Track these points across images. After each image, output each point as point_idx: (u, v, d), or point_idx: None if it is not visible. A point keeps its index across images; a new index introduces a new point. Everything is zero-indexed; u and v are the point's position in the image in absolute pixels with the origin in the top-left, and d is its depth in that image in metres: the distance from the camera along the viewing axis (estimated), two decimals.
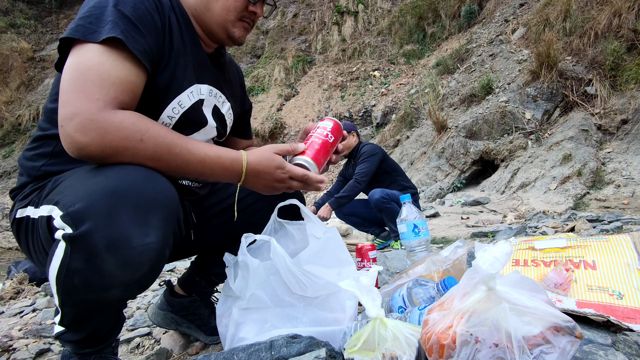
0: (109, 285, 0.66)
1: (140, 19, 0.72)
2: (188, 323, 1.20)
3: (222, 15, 0.86)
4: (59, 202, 0.65)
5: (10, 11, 14.27)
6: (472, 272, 0.59)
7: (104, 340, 0.80)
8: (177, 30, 0.82)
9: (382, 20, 11.33)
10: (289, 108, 10.26)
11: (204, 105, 0.90)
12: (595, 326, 0.77)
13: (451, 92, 7.36)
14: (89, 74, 0.66)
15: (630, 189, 4.26)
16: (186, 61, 0.84)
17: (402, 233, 1.35)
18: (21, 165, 0.85)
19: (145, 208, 0.64)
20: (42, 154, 0.82)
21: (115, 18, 0.69)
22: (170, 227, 0.69)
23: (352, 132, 3.23)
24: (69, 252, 0.62)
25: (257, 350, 0.74)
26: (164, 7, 0.79)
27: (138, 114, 0.70)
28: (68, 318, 0.72)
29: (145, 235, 0.64)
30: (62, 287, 0.66)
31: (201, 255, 1.22)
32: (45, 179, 0.81)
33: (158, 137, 0.69)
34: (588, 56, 5.81)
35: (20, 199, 0.82)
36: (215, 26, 0.88)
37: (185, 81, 0.84)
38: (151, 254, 0.65)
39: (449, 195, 5.69)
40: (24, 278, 2.86)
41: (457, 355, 0.54)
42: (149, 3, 0.75)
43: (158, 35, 0.77)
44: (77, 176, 0.70)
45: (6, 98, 12.64)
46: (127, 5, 0.72)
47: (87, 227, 0.60)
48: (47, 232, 0.70)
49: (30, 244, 0.80)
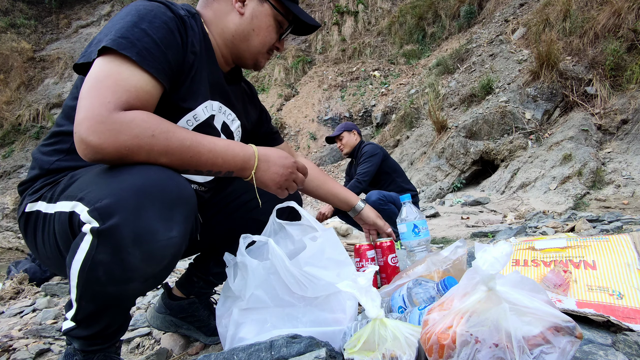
0: (131, 278, 0.69)
1: (163, 38, 0.76)
2: (187, 325, 1.20)
3: (258, 47, 0.98)
4: (84, 199, 0.67)
5: (10, 11, 14.26)
6: (472, 272, 0.59)
7: (112, 338, 0.81)
8: (198, 49, 0.86)
9: (382, 20, 11.34)
10: (289, 108, 10.26)
11: (215, 120, 0.96)
12: (595, 326, 0.77)
13: (451, 92, 7.36)
14: (105, 81, 0.69)
15: (630, 189, 4.27)
16: (202, 77, 0.88)
17: (402, 233, 1.35)
18: (35, 159, 0.87)
19: (170, 204, 0.68)
20: (59, 150, 0.84)
21: (139, 37, 0.73)
22: (190, 223, 0.73)
23: (353, 131, 3.22)
24: (96, 245, 0.65)
25: (257, 350, 0.74)
26: (187, 27, 0.84)
27: (148, 112, 0.72)
28: (84, 312, 0.73)
29: (169, 229, 0.67)
30: (84, 279, 0.68)
31: (200, 255, 1.22)
32: (57, 174, 0.82)
33: (168, 132, 0.71)
34: (588, 56, 5.81)
35: (31, 193, 0.83)
36: (248, 55, 0.98)
37: (201, 96, 0.89)
38: (173, 248, 0.69)
39: (449, 195, 5.69)
40: (24, 278, 2.86)
41: (457, 355, 0.54)
42: (172, 23, 0.79)
43: (178, 52, 0.81)
44: (96, 174, 0.72)
45: (6, 98, 12.64)
46: (152, 24, 0.76)
47: (114, 221, 0.63)
48: (67, 227, 0.72)
49: (38, 238, 0.81)
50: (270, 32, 0.97)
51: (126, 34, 0.72)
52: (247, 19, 0.94)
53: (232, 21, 0.94)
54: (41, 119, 12.33)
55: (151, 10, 0.77)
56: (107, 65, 0.71)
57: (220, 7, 0.94)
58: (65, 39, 14.17)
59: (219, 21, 0.94)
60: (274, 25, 0.98)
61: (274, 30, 0.98)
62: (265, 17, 0.95)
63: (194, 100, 0.87)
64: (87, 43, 13.10)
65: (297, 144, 9.55)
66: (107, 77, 0.69)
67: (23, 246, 9.50)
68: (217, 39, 0.95)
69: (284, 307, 0.88)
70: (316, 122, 9.70)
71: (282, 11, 0.97)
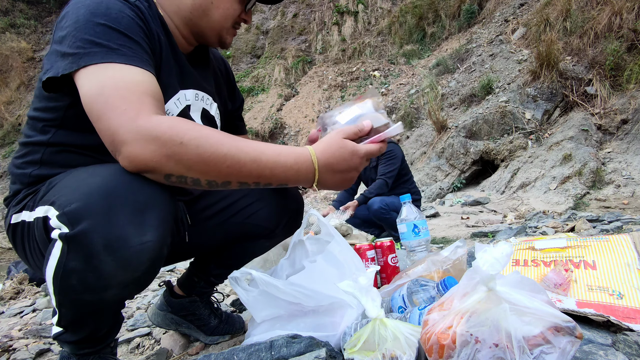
0: (107, 286, 0.65)
1: (129, 27, 0.70)
2: (188, 323, 1.20)
3: (220, 22, 0.87)
4: (55, 202, 0.63)
5: (10, 11, 14.26)
6: (472, 272, 0.59)
7: (103, 340, 0.80)
8: (156, 35, 0.79)
9: (382, 20, 11.33)
10: (289, 108, 10.26)
11: (191, 110, 0.90)
12: (595, 326, 0.77)
13: (451, 92, 7.36)
14: (107, 93, 0.63)
15: (630, 189, 4.26)
16: (169, 67, 0.83)
17: (402, 233, 1.35)
18: (12, 174, 0.84)
19: (141, 208, 0.63)
20: (31, 161, 0.80)
21: (107, 36, 0.66)
22: (167, 225, 0.68)
23: None
24: (66, 252, 0.62)
25: (257, 350, 0.74)
26: (143, 13, 0.76)
27: (175, 117, 0.67)
28: (66, 319, 0.72)
29: (142, 234, 0.63)
30: (59, 287, 0.65)
31: (200, 257, 1.21)
32: (38, 184, 0.79)
33: (200, 136, 0.63)
34: (588, 56, 5.81)
35: (14, 204, 0.80)
36: (210, 31, 0.88)
37: (170, 88, 0.83)
38: (149, 253, 0.64)
39: (449, 195, 5.69)
40: (24, 278, 2.86)
41: (457, 355, 0.54)
42: (130, 11, 0.72)
43: (146, 39, 0.75)
44: (72, 177, 0.69)
45: (6, 98, 12.63)
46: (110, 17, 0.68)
47: (83, 226, 0.59)
48: (43, 233, 0.69)
49: (26, 248, 0.79)
50: (231, 2, 0.86)
51: (92, 38, 0.65)
52: None
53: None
54: None
55: (100, 2, 0.69)
56: (97, 78, 0.64)
57: None
58: None
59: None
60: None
61: (237, 1, 0.86)
62: None
63: (165, 96, 0.78)
64: None
65: (297, 144, 9.56)
66: (104, 87, 0.63)
67: None
68: (174, 18, 0.86)
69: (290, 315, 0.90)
70: (316, 122, 9.71)
71: None
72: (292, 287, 0.84)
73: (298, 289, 0.84)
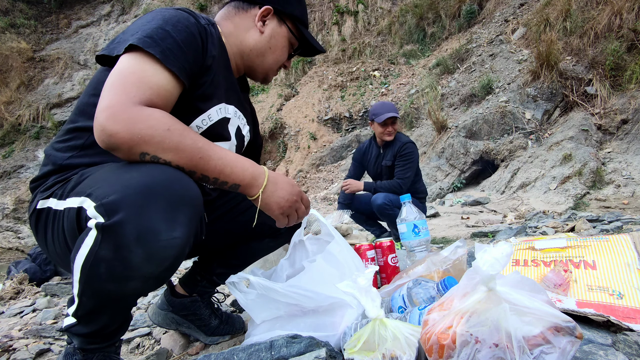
0: (131, 277, 0.69)
1: (185, 40, 0.80)
2: (188, 323, 1.20)
3: (271, 64, 1.06)
4: (92, 194, 0.68)
5: (10, 11, 14.25)
6: (472, 272, 0.59)
7: (111, 337, 0.82)
8: (216, 54, 0.90)
9: (382, 20, 11.33)
10: (289, 108, 10.26)
11: (229, 123, 1.00)
12: (595, 326, 0.77)
13: (451, 92, 7.36)
14: (130, 77, 0.73)
15: (630, 189, 4.26)
16: (219, 81, 0.93)
17: (402, 233, 1.35)
18: (48, 155, 0.89)
19: (174, 205, 0.68)
20: (73, 146, 0.86)
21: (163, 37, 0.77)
22: (194, 225, 0.73)
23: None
24: (99, 241, 0.66)
25: (257, 350, 0.74)
26: (207, 34, 0.88)
27: (166, 112, 0.75)
28: (84, 308, 0.74)
29: (172, 230, 0.67)
30: (86, 274, 0.69)
31: (203, 256, 1.23)
32: (69, 171, 0.84)
33: (184, 130, 0.74)
34: (588, 56, 5.80)
35: (42, 190, 0.84)
36: (260, 69, 1.06)
37: (215, 98, 0.92)
38: (175, 249, 0.69)
39: (449, 195, 5.68)
40: (24, 278, 2.86)
41: (457, 355, 0.54)
42: (194, 28, 0.83)
43: (199, 54, 0.84)
44: (107, 171, 0.74)
45: (6, 98, 12.62)
46: (176, 27, 0.80)
47: (119, 217, 0.64)
48: (74, 223, 0.73)
49: (48, 235, 0.82)
50: (283, 51, 1.06)
51: (151, 34, 0.76)
52: (266, 38, 1.02)
53: (252, 37, 1.01)
54: (41, 119, 12.31)
55: (175, 15, 0.82)
56: (132, 62, 0.74)
57: (242, 22, 1.01)
58: (65, 39, 14.15)
59: (238, 34, 1.01)
60: (287, 46, 1.06)
61: (287, 50, 1.07)
62: (282, 38, 1.04)
63: (209, 102, 0.90)
64: (87, 43, 13.01)
65: (297, 144, 9.55)
66: (131, 73, 0.73)
67: (23, 246, 9.50)
68: (234, 49, 1.01)
69: (291, 315, 0.90)
70: (316, 122, 9.69)
71: (296, 35, 1.06)
72: (292, 290, 0.84)
73: (298, 290, 0.84)
